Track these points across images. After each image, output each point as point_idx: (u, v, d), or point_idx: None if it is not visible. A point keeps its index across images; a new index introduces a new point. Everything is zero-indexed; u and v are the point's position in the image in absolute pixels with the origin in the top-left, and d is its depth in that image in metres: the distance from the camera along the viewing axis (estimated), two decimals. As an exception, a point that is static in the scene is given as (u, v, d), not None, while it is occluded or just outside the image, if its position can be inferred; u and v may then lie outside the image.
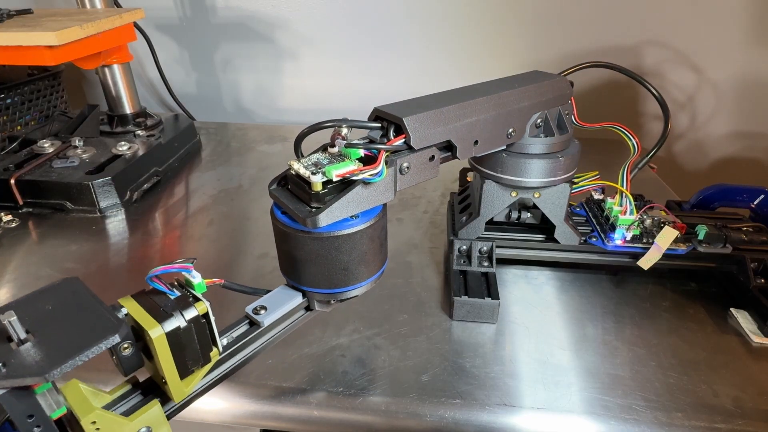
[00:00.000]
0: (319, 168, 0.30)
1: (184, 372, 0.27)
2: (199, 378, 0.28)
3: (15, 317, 0.22)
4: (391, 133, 0.33)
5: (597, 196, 0.55)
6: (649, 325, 0.46)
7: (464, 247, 0.49)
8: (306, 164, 0.30)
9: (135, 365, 0.26)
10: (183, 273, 0.27)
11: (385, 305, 0.48)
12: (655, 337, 0.44)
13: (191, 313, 0.26)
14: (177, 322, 0.25)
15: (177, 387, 0.27)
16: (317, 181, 0.29)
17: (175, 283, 0.28)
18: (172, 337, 0.25)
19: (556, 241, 0.49)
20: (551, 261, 0.52)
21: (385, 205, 0.33)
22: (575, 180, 0.51)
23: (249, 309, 0.32)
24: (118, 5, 0.79)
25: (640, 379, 0.40)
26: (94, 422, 0.24)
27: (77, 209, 0.64)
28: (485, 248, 0.49)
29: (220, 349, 0.29)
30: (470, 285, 0.47)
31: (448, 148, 0.36)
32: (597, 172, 0.52)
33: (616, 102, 0.92)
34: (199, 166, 0.78)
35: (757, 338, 0.44)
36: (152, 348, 0.25)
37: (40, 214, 0.64)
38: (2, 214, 0.63)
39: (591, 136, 0.55)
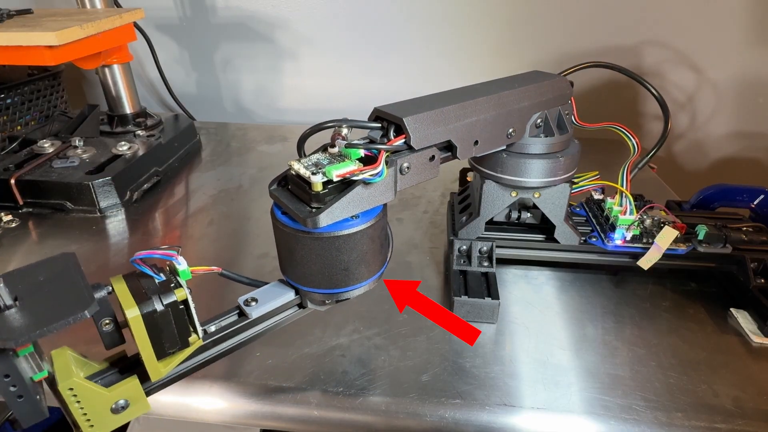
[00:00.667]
0: (320, 168, 0.30)
1: (160, 353, 0.28)
2: (178, 361, 0.29)
3: (2, 284, 0.23)
4: (392, 133, 0.33)
5: (597, 196, 0.55)
6: (649, 325, 0.46)
7: (464, 247, 0.49)
8: (306, 164, 0.30)
9: (115, 341, 0.28)
10: (168, 259, 0.28)
11: (385, 305, 0.48)
12: (655, 337, 0.44)
13: (170, 298, 0.27)
14: (154, 305, 0.26)
15: (154, 367, 0.28)
16: (317, 181, 0.29)
17: (166, 269, 0.29)
18: (148, 318, 0.26)
19: (556, 241, 0.49)
20: (551, 261, 0.52)
21: (385, 205, 0.33)
22: (575, 180, 0.51)
23: (241, 300, 0.33)
24: (118, 5, 0.79)
25: (640, 379, 0.40)
26: (71, 389, 0.25)
27: (77, 209, 0.64)
28: (485, 248, 0.49)
29: (200, 335, 0.29)
30: (470, 285, 0.47)
31: (448, 148, 0.36)
32: (597, 172, 0.52)
33: (616, 102, 0.92)
34: (199, 166, 0.78)
35: (757, 338, 0.44)
36: (130, 327, 0.26)
37: (40, 214, 0.64)
38: (2, 214, 0.63)
39: (591, 136, 0.55)
